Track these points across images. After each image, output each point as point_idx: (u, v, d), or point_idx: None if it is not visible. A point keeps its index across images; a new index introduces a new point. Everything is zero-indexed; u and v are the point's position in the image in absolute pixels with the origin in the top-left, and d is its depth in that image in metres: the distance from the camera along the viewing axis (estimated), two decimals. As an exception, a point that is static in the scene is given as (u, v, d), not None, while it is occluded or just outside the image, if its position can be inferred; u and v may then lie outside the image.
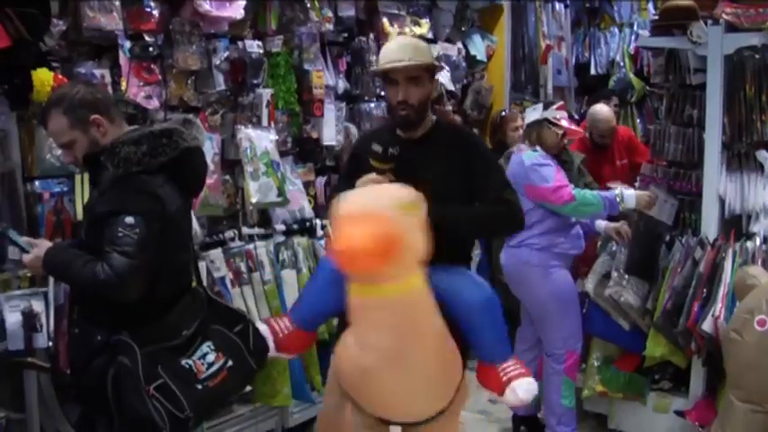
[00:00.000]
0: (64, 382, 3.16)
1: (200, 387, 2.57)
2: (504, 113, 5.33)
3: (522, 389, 2.70)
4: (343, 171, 3.29)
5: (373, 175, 2.68)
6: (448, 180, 2.77)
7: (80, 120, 2.52)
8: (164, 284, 2.57)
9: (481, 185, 2.79)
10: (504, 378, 2.71)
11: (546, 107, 4.04)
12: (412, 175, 2.62)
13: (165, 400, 2.48)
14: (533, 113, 4.03)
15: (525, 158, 3.89)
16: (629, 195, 3.89)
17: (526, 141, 4.03)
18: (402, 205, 2.31)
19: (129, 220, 2.41)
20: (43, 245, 2.59)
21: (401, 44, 2.88)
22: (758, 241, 3.72)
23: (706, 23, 3.84)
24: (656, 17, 4.35)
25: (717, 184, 3.86)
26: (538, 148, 3.92)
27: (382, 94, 4.86)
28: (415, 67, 2.78)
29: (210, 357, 2.64)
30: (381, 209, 2.28)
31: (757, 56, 3.76)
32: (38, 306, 3.08)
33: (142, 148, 2.50)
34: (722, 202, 3.88)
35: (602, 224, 4.19)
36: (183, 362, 2.59)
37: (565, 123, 4.00)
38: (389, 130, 2.96)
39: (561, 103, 4.25)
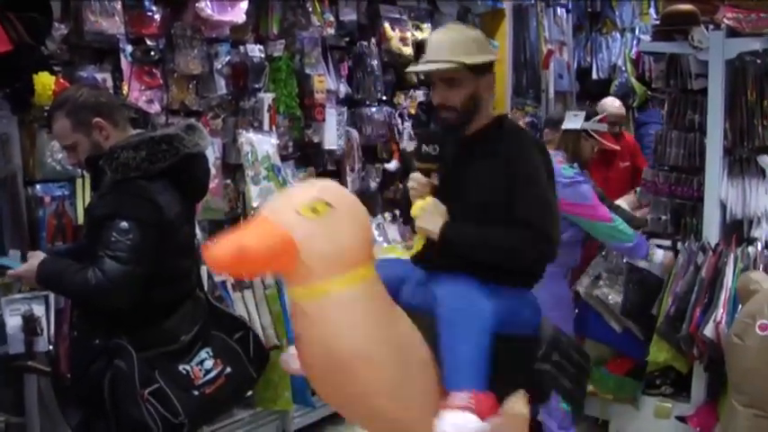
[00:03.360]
0: (64, 386, 3.15)
1: (196, 393, 2.58)
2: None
3: (447, 421, 2.21)
4: None
5: (413, 176, 2.55)
6: (487, 185, 2.48)
7: (82, 123, 2.53)
8: (162, 290, 2.57)
9: (511, 199, 2.43)
10: (443, 405, 2.26)
11: (588, 117, 3.93)
12: (456, 175, 2.50)
13: (160, 405, 2.48)
14: (574, 121, 3.90)
15: (564, 173, 3.73)
16: (660, 253, 3.91)
17: (561, 148, 3.94)
18: (303, 207, 2.11)
19: (124, 225, 2.42)
20: (36, 256, 2.59)
21: (439, 41, 2.59)
22: (759, 246, 3.70)
23: (707, 28, 3.83)
24: (658, 22, 4.35)
25: (718, 189, 3.85)
26: (575, 165, 3.83)
27: (384, 98, 4.88)
28: (447, 70, 2.52)
29: (208, 363, 2.64)
30: (276, 212, 2.14)
31: (759, 61, 3.75)
32: (38, 310, 3.07)
33: (141, 153, 2.50)
34: (724, 207, 3.87)
35: (659, 255, 4.00)
36: (181, 367, 2.59)
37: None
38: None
39: (605, 114, 4.14)
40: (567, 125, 3.92)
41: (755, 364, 3.15)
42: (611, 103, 5.10)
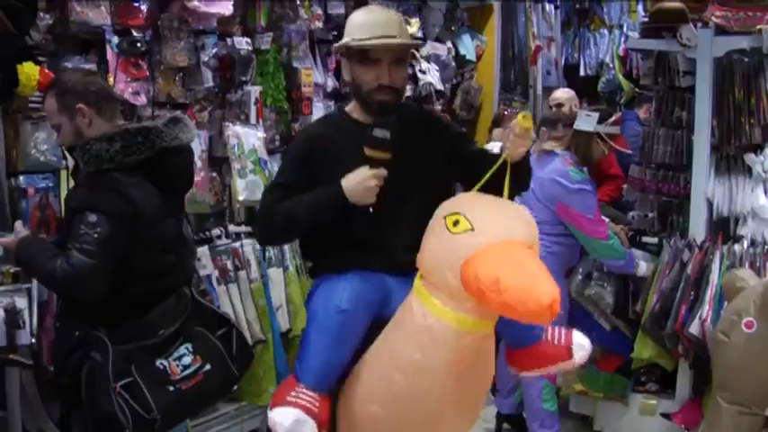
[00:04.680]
0: (47, 379, 3.13)
1: (172, 389, 2.54)
2: (506, 112, 5.27)
3: (584, 338, 2.61)
4: (284, 176, 2.57)
5: (373, 172, 2.37)
6: (428, 168, 2.50)
7: (67, 106, 2.53)
8: (142, 283, 2.54)
9: (465, 148, 2.60)
10: (562, 341, 2.58)
11: (601, 119, 3.85)
12: (401, 163, 2.39)
13: (132, 400, 2.45)
14: (586, 122, 3.81)
15: (572, 177, 3.72)
16: (644, 266, 3.97)
17: (571, 149, 3.86)
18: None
19: (93, 218, 2.40)
20: (21, 232, 2.58)
21: (387, 16, 2.53)
22: (746, 244, 3.72)
23: (696, 26, 3.84)
24: (646, 19, 4.36)
25: (705, 186, 3.86)
26: (584, 170, 3.79)
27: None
28: (404, 47, 2.50)
29: (187, 359, 2.61)
30: (535, 246, 2.14)
31: (746, 59, 3.76)
32: (21, 302, 3.04)
33: (116, 145, 2.48)
34: (710, 204, 3.88)
35: (643, 267, 4.04)
36: (159, 362, 2.56)
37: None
38: (341, 120, 2.59)
39: (618, 115, 4.07)
40: (579, 125, 3.86)
41: (741, 361, 3.17)
42: (555, 93, 5.11)
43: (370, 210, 2.41)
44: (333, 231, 2.46)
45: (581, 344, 2.59)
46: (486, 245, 2.03)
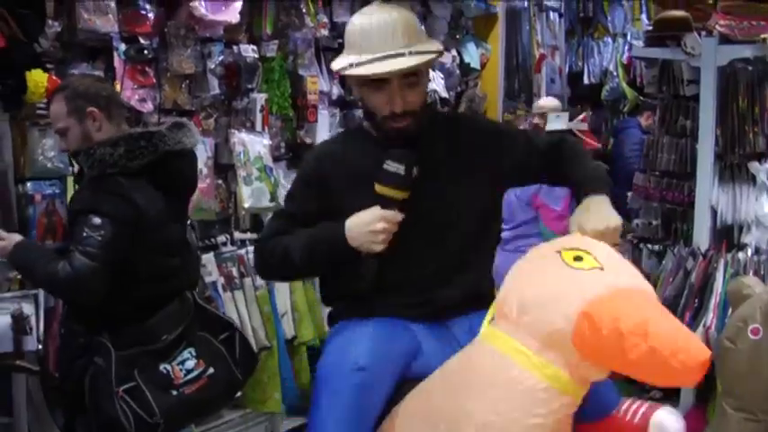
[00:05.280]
0: (53, 385, 3.14)
1: (175, 393, 2.55)
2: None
3: (671, 418, 2.00)
4: (292, 204, 2.24)
5: (382, 214, 1.96)
6: (481, 185, 2.09)
7: (77, 109, 2.54)
8: (146, 288, 2.55)
9: (528, 154, 2.14)
10: (638, 419, 2.02)
11: (571, 117, 3.98)
12: (423, 199, 1.99)
13: (135, 404, 2.46)
14: (557, 122, 3.96)
15: None
16: None
17: None
18: None
19: (96, 221, 2.40)
20: (14, 237, 2.58)
21: (387, 24, 2.01)
22: (749, 252, 3.73)
23: (700, 35, 3.85)
24: (651, 28, 4.38)
25: (709, 194, 3.86)
26: None
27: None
28: (414, 69, 2.01)
29: (190, 364, 2.62)
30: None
31: (750, 68, 3.78)
32: (28, 309, 3.05)
33: (119, 149, 2.50)
34: (714, 212, 3.89)
35: None
36: (162, 367, 2.57)
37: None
38: (361, 136, 2.19)
39: (584, 114, 4.21)
40: (552, 126, 3.98)
41: (747, 368, 3.16)
42: (540, 100, 5.12)
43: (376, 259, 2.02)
44: (347, 270, 2.09)
45: (663, 424, 1.98)
46: (621, 288, 1.67)
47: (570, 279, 1.72)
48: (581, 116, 4.03)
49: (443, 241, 2.08)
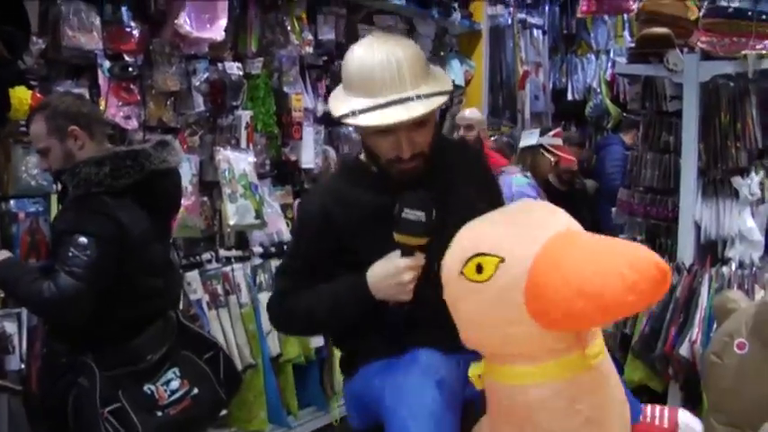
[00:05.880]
0: (35, 405, 3.10)
1: (160, 414, 2.54)
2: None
3: (692, 418, 2.08)
4: (297, 253, 2.08)
5: (406, 263, 1.84)
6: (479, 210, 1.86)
7: (58, 128, 2.53)
8: (129, 308, 2.54)
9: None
10: (665, 423, 2.03)
11: (542, 133, 4.04)
12: (439, 233, 1.81)
13: (120, 425, 2.45)
14: (529, 138, 4.03)
15: (514, 183, 3.89)
16: None
17: (519, 165, 4.03)
18: None
19: (83, 240, 2.39)
20: (2, 254, 2.57)
21: (394, 65, 1.81)
22: (734, 266, 3.75)
23: (682, 51, 3.89)
24: (633, 45, 4.41)
25: (693, 209, 3.89)
26: (529, 174, 3.92)
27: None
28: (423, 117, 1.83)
29: (174, 384, 2.61)
30: (566, 220, 1.70)
31: (732, 84, 3.81)
32: (10, 327, 3.03)
33: (105, 168, 2.48)
34: (698, 227, 3.91)
35: None
36: (146, 387, 2.56)
37: (558, 150, 4.02)
38: (364, 172, 2.02)
39: (558, 129, 4.25)
40: (523, 143, 4.04)
41: (733, 383, 3.16)
42: (465, 112, 5.06)
43: (404, 308, 1.89)
44: (374, 325, 1.97)
45: (689, 424, 2.05)
46: (535, 262, 1.56)
47: (489, 296, 1.62)
48: (553, 131, 4.07)
49: None
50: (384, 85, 1.80)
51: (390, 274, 1.86)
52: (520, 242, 1.61)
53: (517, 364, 1.65)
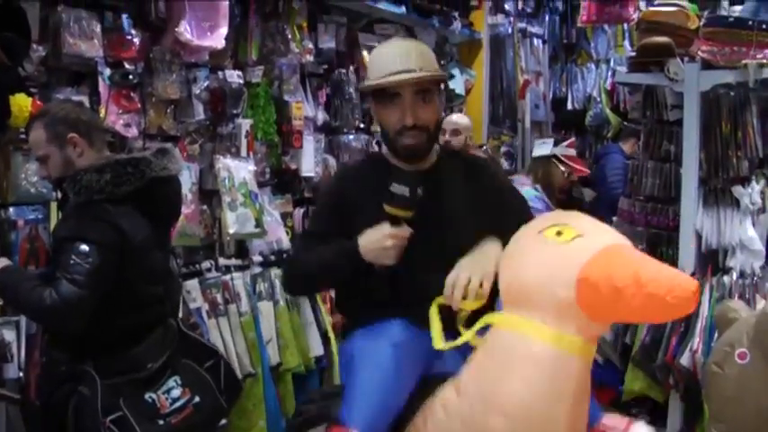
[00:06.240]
0: (34, 414, 3.09)
1: (161, 423, 2.52)
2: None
3: (644, 428, 2.16)
4: (315, 225, 2.45)
5: (391, 231, 2.11)
6: (474, 221, 2.23)
7: (58, 136, 2.53)
8: (130, 316, 2.53)
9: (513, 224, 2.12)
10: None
11: (556, 143, 4.00)
12: (433, 221, 2.17)
13: None
14: (543, 148, 3.98)
15: (524, 193, 3.84)
16: None
17: (530, 176, 3.98)
18: None
19: (84, 248, 2.38)
20: (1, 261, 2.55)
21: (405, 48, 2.24)
22: (734, 276, 3.75)
23: (683, 60, 3.90)
24: (634, 54, 4.41)
25: (693, 219, 3.89)
26: (538, 187, 3.87)
27: (361, 126, 4.87)
28: (422, 80, 2.18)
29: (176, 392, 2.59)
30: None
31: (732, 93, 3.82)
32: (9, 335, 3.01)
33: (105, 176, 2.48)
34: (699, 236, 3.90)
35: None
36: (147, 396, 2.55)
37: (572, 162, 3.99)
38: (379, 162, 2.34)
39: (572, 140, 4.20)
40: (537, 152, 4.00)
41: (734, 393, 3.16)
42: (453, 116, 4.95)
43: (388, 271, 2.15)
44: (358, 288, 2.26)
45: None
46: (604, 247, 1.82)
47: (559, 253, 1.87)
48: (567, 141, 4.03)
49: (450, 261, 2.13)
50: (395, 62, 2.18)
51: (377, 238, 2.12)
52: (596, 231, 1.90)
53: (536, 319, 1.86)
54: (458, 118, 4.56)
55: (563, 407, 1.88)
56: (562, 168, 3.95)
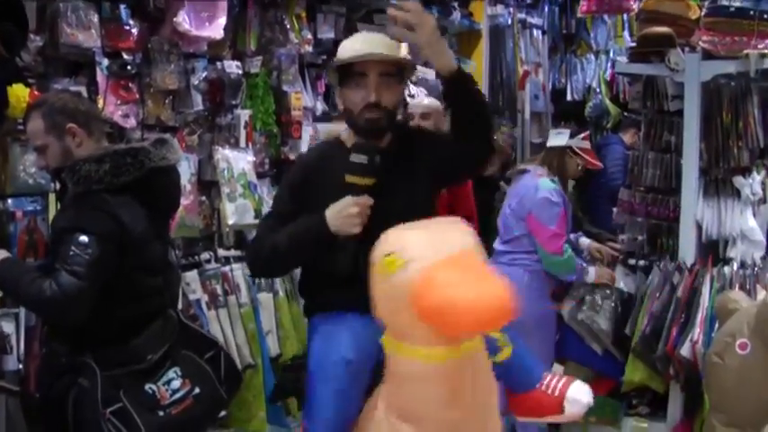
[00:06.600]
0: (33, 406, 3.08)
1: (161, 414, 2.51)
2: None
3: (583, 391, 2.44)
4: (277, 206, 2.59)
5: (355, 200, 2.28)
6: (418, 194, 2.42)
7: (56, 126, 2.51)
8: (129, 307, 2.52)
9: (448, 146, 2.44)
10: (556, 393, 2.42)
11: (572, 135, 3.97)
12: (385, 192, 2.32)
13: (122, 425, 2.42)
14: (558, 138, 3.95)
15: (541, 186, 3.82)
16: (591, 270, 3.95)
17: (545, 166, 3.95)
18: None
19: (83, 239, 2.37)
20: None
21: (369, 37, 2.47)
22: (735, 266, 3.75)
23: (683, 51, 3.88)
24: (634, 44, 4.40)
25: (694, 209, 3.88)
26: (556, 179, 3.85)
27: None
28: (390, 62, 2.38)
29: (176, 384, 2.58)
30: (477, 252, 2.09)
31: (733, 83, 3.81)
32: (8, 327, 3.01)
33: (104, 166, 2.47)
34: (699, 227, 3.90)
35: (585, 242, 4.19)
36: (147, 387, 2.53)
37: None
38: (337, 145, 2.52)
39: (587, 132, 4.17)
40: (552, 142, 3.96)
41: (735, 384, 3.16)
42: (424, 100, 4.83)
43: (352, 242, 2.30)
44: (320, 268, 2.41)
45: (576, 398, 2.43)
46: (423, 273, 1.98)
47: (391, 287, 2.05)
48: (583, 134, 3.99)
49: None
50: (363, 44, 2.38)
51: (341, 207, 2.28)
52: (420, 252, 2.01)
53: (405, 342, 2.07)
54: (429, 102, 4.51)
55: (459, 404, 2.08)
56: (577, 160, 3.93)
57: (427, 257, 1.99)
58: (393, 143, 2.46)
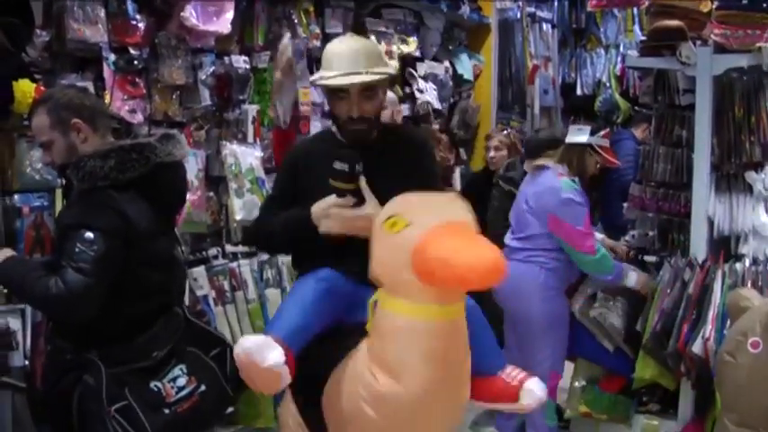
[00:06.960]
0: (39, 402, 3.08)
1: (167, 411, 2.49)
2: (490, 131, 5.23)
3: (539, 386, 2.56)
4: (275, 189, 2.87)
5: (336, 200, 2.49)
6: (402, 189, 2.46)
7: (61, 121, 2.49)
8: (135, 304, 2.51)
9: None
10: (514, 382, 2.55)
11: (593, 132, 3.92)
12: (373, 190, 2.50)
13: (127, 423, 2.41)
14: (578, 135, 3.88)
15: (563, 187, 3.75)
16: (632, 275, 3.90)
17: (564, 164, 3.90)
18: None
19: (89, 235, 2.35)
20: (2, 252, 2.53)
21: (353, 50, 2.58)
22: (747, 262, 3.70)
23: (695, 44, 3.83)
24: (645, 38, 4.35)
25: (706, 205, 3.83)
26: (576, 179, 3.81)
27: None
28: (365, 85, 2.53)
29: (181, 381, 2.57)
30: (473, 226, 2.23)
31: (745, 77, 3.76)
32: (14, 323, 3.01)
33: (110, 162, 2.45)
34: (711, 223, 3.85)
35: (598, 236, 4.11)
36: (153, 384, 2.52)
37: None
38: (328, 136, 2.73)
39: (607, 130, 4.12)
40: (572, 138, 3.91)
41: (747, 382, 3.13)
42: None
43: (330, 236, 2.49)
44: (308, 242, 2.59)
45: (531, 390, 2.54)
46: (425, 232, 2.15)
47: (393, 244, 2.22)
48: (603, 132, 3.94)
49: None
50: (346, 62, 2.53)
51: (324, 207, 2.50)
52: (422, 216, 2.19)
53: (399, 298, 2.23)
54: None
55: (440, 364, 2.22)
56: (596, 158, 3.88)
57: (430, 220, 2.17)
58: (380, 139, 2.65)
